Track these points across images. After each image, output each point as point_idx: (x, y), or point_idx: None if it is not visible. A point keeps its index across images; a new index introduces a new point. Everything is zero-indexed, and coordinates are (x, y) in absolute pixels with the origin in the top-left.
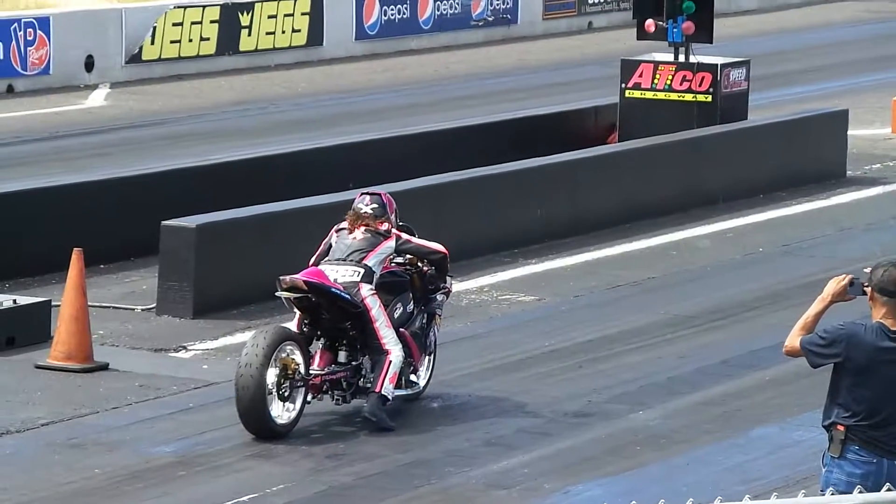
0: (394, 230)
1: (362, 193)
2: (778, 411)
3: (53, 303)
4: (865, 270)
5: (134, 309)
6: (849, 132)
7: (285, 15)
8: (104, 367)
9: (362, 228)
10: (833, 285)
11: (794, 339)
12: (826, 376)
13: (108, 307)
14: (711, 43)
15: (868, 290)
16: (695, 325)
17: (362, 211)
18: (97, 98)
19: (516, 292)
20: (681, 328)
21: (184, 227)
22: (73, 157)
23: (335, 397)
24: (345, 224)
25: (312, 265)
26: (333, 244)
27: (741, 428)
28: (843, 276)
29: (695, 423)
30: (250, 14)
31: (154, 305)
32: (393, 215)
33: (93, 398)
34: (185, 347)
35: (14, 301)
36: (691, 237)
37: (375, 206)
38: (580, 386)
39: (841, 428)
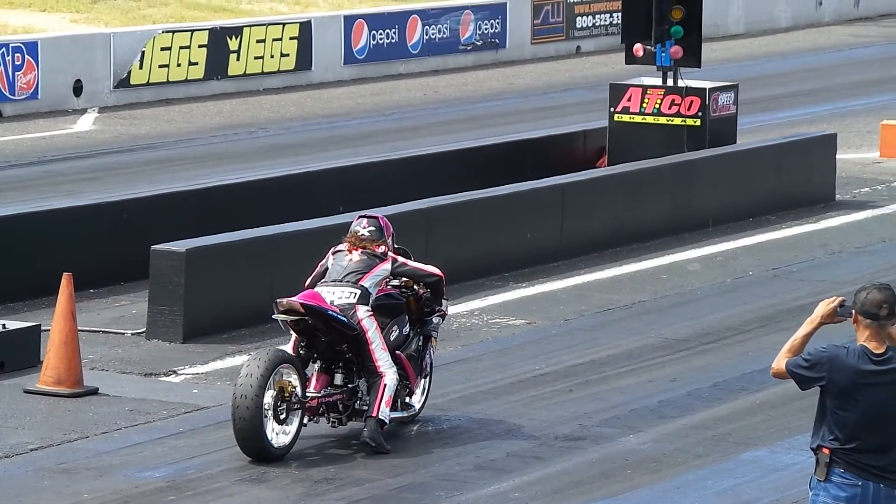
0: (390, 253)
1: (360, 216)
2: (768, 434)
3: (43, 327)
4: (856, 293)
5: (124, 333)
6: (837, 156)
7: (274, 39)
8: (94, 392)
9: (359, 250)
10: (823, 307)
11: (780, 362)
12: (816, 399)
13: (98, 332)
14: (700, 67)
15: (853, 312)
16: (685, 349)
17: (359, 233)
18: (86, 122)
19: (506, 316)
20: (671, 352)
21: (173, 251)
22: (61, 181)
23: (331, 420)
24: (341, 246)
25: (308, 287)
26: (330, 266)
27: (732, 451)
28: (833, 297)
29: (685, 446)
30: (239, 38)
31: (144, 330)
32: (390, 238)
33: (82, 423)
34: (175, 372)
35: (3, 326)
36: (681, 261)
37: (372, 228)
38: (571, 410)
39: (826, 451)
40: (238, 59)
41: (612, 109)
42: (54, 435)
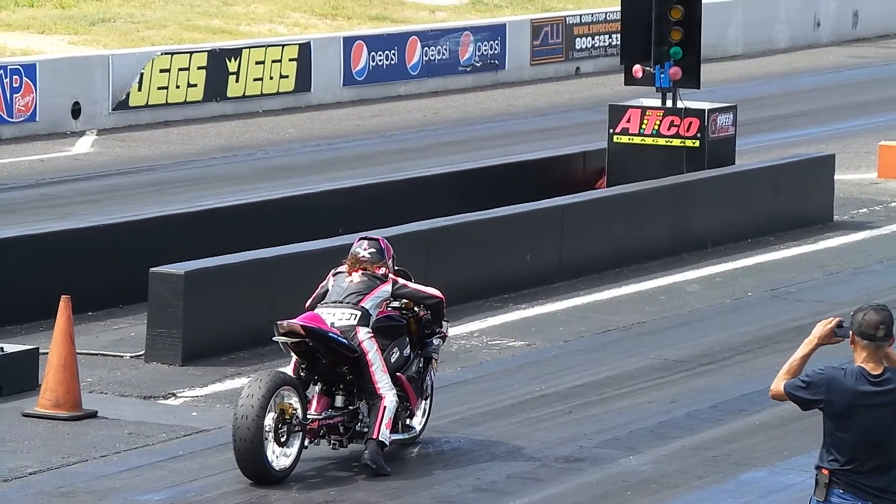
0: (390, 275)
1: (360, 238)
2: (768, 455)
3: (41, 350)
4: (853, 314)
5: (122, 356)
6: (835, 177)
7: (273, 61)
8: (93, 415)
9: (359, 272)
10: (820, 328)
11: (778, 383)
12: (815, 420)
13: (97, 354)
14: (699, 88)
15: (851, 333)
16: (684, 370)
17: (360, 255)
18: (84, 145)
19: (506, 337)
20: (670, 373)
21: (172, 273)
22: (60, 203)
23: (332, 442)
24: (342, 268)
25: (308, 309)
26: (330, 288)
27: (731, 472)
28: (831, 318)
29: (685, 467)
30: (238, 60)
31: (143, 352)
32: (390, 260)
33: (81, 446)
34: (174, 394)
35: (1, 349)
36: (680, 282)
37: (373, 250)
38: (570, 431)
39: (825, 472)
40: (237, 80)
41: (611, 130)
42: (53, 458)
